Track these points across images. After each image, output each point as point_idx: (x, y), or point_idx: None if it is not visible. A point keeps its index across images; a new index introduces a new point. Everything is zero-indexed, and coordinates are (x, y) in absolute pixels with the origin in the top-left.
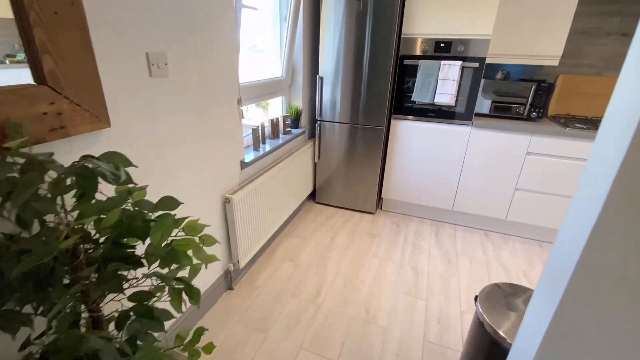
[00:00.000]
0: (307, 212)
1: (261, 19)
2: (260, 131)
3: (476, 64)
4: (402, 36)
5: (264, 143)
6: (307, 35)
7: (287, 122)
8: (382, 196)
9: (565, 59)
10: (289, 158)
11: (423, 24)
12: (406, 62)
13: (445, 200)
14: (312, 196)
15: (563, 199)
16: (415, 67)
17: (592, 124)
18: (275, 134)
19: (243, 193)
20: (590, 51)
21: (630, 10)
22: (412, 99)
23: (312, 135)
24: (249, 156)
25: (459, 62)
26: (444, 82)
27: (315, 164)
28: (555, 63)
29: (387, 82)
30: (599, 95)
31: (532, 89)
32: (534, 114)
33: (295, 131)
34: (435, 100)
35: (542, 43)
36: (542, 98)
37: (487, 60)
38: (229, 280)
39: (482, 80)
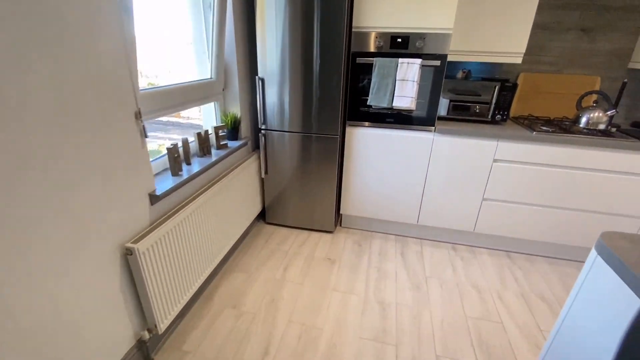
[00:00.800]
0: (256, 237)
1: (179, 6)
2: (180, 150)
3: (437, 62)
4: (353, 29)
5: (188, 163)
6: (240, 28)
7: (220, 134)
8: (340, 212)
9: (525, 56)
10: (227, 177)
11: (376, 16)
12: (359, 60)
13: (409, 214)
14: (262, 216)
15: (532, 208)
16: (370, 66)
17: (557, 126)
18: (204, 150)
19: (154, 237)
20: (550, 48)
21: (590, 3)
22: (368, 103)
23: (256, 147)
24: (164, 185)
25: (419, 60)
26: (403, 84)
27: (262, 180)
28: (519, 60)
29: (338, 84)
30: (560, 94)
31: (496, 90)
32: (498, 117)
33: (233, 144)
34: (393, 104)
35: (505, 39)
36: (506, 99)
37: (448, 58)
38: (145, 350)
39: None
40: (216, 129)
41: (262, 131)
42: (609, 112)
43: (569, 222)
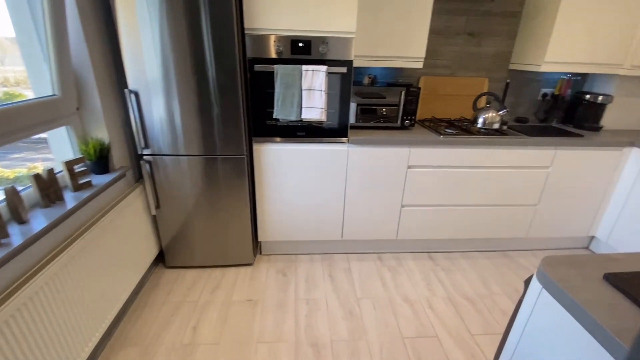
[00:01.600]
0: (154, 289)
1: None
2: (7, 205)
3: (344, 69)
4: (246, 32)
5: (21, 222)
6: (92, 23)
7: (77, 171)
8: (259, 240)
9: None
10: (98, 224)
11: (271, 16)
12: (258, 67)
13: (333, 231)
14: (162, 259)
15: (446, 208)
16: (272, 74)
17: (459, 128)
18: (51, 197)
19: None
20: (444, 52)
21: (473, 9)
22: (274, 117)
23: (140, 177)
24: None
25: (324, 67)
26: (310, 94)
27: (154, 217)
28: (420, 65)
29: (236, 96)
30: (455, 95)
31: (403, 95)
32: (407, 122)
33: (102, 179)
34: (302, 117)
35: (406, 44)
36: (412, 104)
37: (354, 64)
38: None
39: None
40: (68, 164)
41: (145, 157)
42: (500, 112)
43: (479, 217)
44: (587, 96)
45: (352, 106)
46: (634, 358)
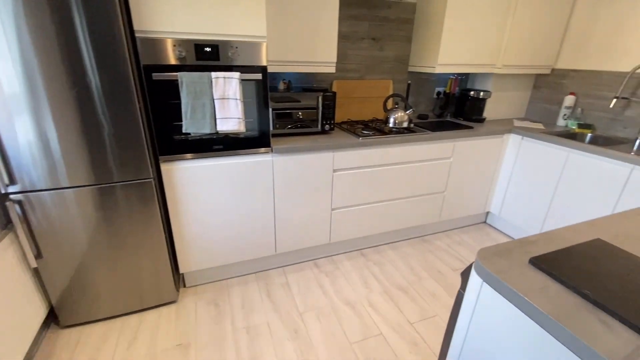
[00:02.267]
0: (49, 358)
1: None
2: None
3: (258, 75)
4: (137, 35)
5: None
6: None
7: None
8: (180, 272)
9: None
10: None
11: (165, 16)
12: (157, 76)
13: (266, 246)
14: (54, 318)
15: (372, 205)
16: (175, 83)
17: (374, 129)
18: None
19: None
20: (352, 56)
21: (373, 15)
22: (184, 131)
23: (8, 222)
24: None
25: (236, 74)
26: (224, 103)
27: (36, 269)
28: (333, 70)
29: (133, 110)
30: (366, 97)
31: (320, 100)
32: (327, 127)
33: None
34: (218, 129)
35: (319, 48)
36: (330, 108)
37: (268, 69)
38: None
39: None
40: None
41: (13, 197)
42: (407, 112)
43: (399, 209)
44: (472, 93)
45: (270, 112)
46: None
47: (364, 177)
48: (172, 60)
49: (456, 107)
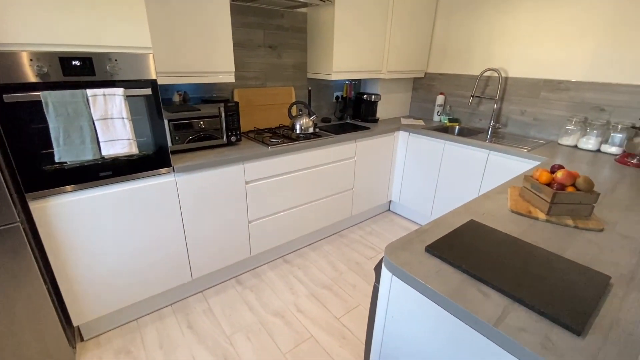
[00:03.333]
0: None
1: None
2: None
3: (147, 90)
4: None
5: None
6: None
7: None
8: (74, 325)
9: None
10: None
11: (20, 24)
12: (9, 97)
13: (179, 274)
14: None
15: (289, 212)
16: (36, 104)
17: (282, 136)
18: None
19: None
20: (250, 64)
21: (267, 23)
22: (57, 160)
23: None
24: None
25: (120, 90)
26: (107, 124)
27: None
28: (232, 79)
29: None
30: (270, 105)
31: (222, 111)
32: (233, 138)
33: None
34: (103, 154)
35: (215, 58)
36: (234, 119)
37: (158, 81)
38: None
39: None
40: None
41: None
42: (312, 118)
43: (315, 210)
44: (365, 96)
45: (165, 124)
46: None
47: (278, 185)
48: (31, 78)
49: (354, 110)
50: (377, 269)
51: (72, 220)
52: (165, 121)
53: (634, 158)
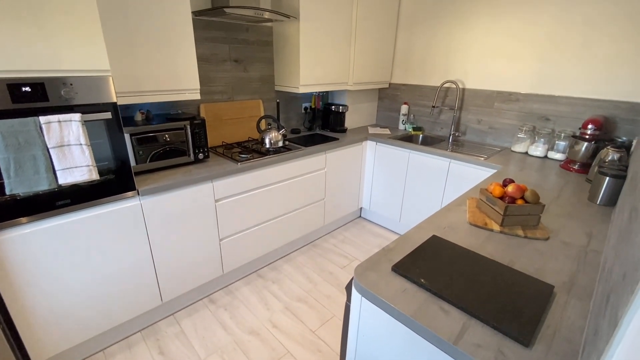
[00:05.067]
0: None
1: None
2: None
3: (107, 114)
4: None
5: None
6: None
7: None
8: None
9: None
10: None
11: None
12: None
13: (148, 298)
14: None
15: (261, 227)
16: None
17: (252, 151)
18: None
19: None
20: (216, 78)
21: (232, 37)
22: (8, 192)
23: None
24: None
25: (77, 116)
26: (64, 152)
27: None
28: (198, 96)
29: None
30: (238, 118)
31: (188, 130)
32: (200, 155)
33: None
34: (60, 183)
35: (178, 75)
36: (201, 137)
37: (118, 101)
38: None
39: (127, 134)
40: None
41: None
42: (281, 131)
43: (288, 223)
44: (333, 107)
45: (127, 142)
46: None
47: (249, 201)
48: None
49: (322, 120)
50: (348, 289)
51: (28, 253)
52: (127, 135)
53: (576, 164)
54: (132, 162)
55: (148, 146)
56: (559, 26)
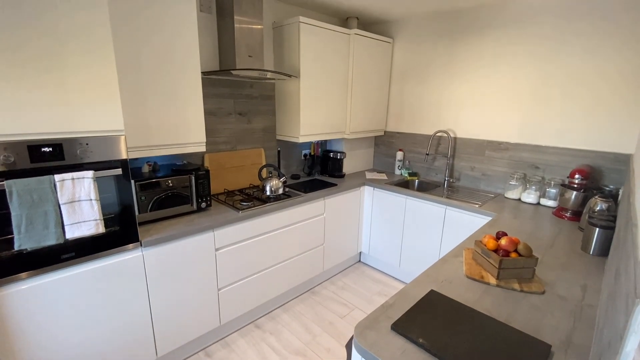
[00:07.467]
0: None
1: None
2: None
3: (117, 170)
4: None
5: None
6: None
7: None
8: None
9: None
10: None
11: None
12: None
13: (144, 353)
14: None
15: (260, 275)
16: (1, 192)
17: (253, 198)
18: None
19: None
20: (221, 130)
21: (237, 93)
22: (17, 248)
23: None
24: None
25: (89, 173)
26: (74, 207)
27: None
28: (203, 149)
29: None
30: (240, 166)
31: (193, 181)
32: (203, 204)
33: None
34: (67, 237)
35: (185, 130)
36: (204, 186)
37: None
38: None
39: (133, 183)
40: None
41: None
42: (281, 179)
43: (286, 270)
44: (331, 154)
45: (133, 192)
46: None
47: (249, 249)
48: None
49: (321, 166)
50: (348, 347)
51: (27, 308)
52: (132, 182)
53: (567, 212)
54: (136, 212)
55: (151, 192)
56: (541, 79)
